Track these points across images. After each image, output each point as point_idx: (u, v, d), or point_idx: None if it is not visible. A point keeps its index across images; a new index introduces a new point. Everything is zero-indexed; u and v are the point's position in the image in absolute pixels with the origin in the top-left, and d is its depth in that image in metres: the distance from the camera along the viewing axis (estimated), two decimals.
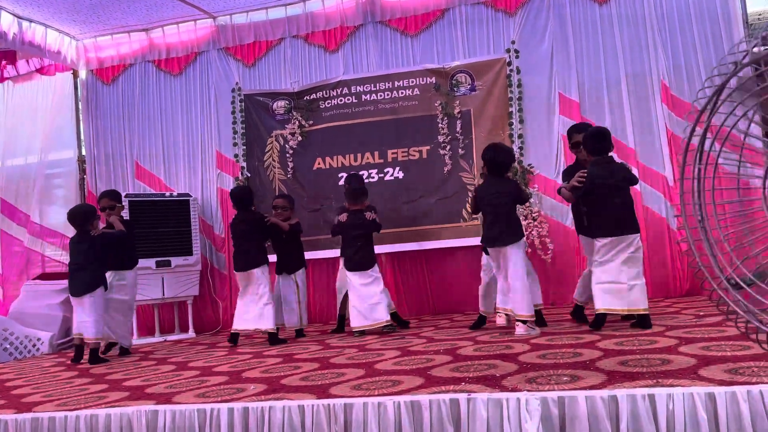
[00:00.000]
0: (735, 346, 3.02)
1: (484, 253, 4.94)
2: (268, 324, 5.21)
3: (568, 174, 4.57)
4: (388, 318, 5.19)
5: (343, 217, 5.42)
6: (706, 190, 2.69)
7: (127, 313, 5.46)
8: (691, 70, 5.92)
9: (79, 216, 5.13)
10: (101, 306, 5.04)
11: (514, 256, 4.37)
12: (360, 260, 5.29)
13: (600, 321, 4.11)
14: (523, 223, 5.80)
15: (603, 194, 4.14)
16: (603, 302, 4.10)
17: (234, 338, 5.41)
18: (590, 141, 4.29)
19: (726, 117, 2.57)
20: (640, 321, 4.01)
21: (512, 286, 4.37)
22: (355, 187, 5.56)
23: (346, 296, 5.55)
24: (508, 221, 4.47)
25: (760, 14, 6.17)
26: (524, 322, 4.29)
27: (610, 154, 4.33)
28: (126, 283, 5.35)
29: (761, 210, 2.59)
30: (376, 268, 5.32)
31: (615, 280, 4.08)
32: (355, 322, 5.22)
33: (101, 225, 5.41)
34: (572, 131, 4.77)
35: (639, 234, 4.19)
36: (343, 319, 5.67)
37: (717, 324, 3.81)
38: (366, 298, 5.20)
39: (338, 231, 5.48)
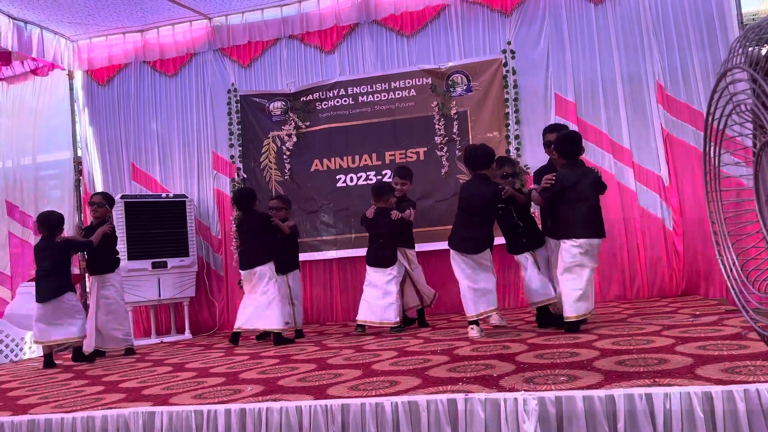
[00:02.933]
0: (731, 346, 3.03)
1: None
2: (272, 324, 5.13)
3: (538, 174, 4.58)
4: (398, 320, 5.17)
5: (370, 212, 5.37)
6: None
7: (121, 314, 5.52)
8: (686, 71, 5.94)
9: (47, 223, 5.22)
10: (75, 308, 5.16)
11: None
12: (381, 257, 5.27)
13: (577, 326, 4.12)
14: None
15: (572, 197, 4.17)
16: (577, 309, 4.09)
17: (235, 338, 5.36)
18: (561, 144, 4.33)
19: (721, 115, 2.58)
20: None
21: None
22: (377, 184, 5.54)
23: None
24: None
25: (754, 14, 6.20)
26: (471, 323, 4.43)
27: (581, 158, 4.36)
28: (111, 286, 5.44)
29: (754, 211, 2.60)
30: (395, 267, 5.26)
31: (587, 286, 4.10)
32: (363, 315, 5.21)
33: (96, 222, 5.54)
34: (545, 131, 4.77)
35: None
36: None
37: (713, 323, 3.83)
38: (382, 296, 5.18)
39: (365, 225, 5.47)
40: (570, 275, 4.15)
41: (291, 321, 5.51)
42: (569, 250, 4.15)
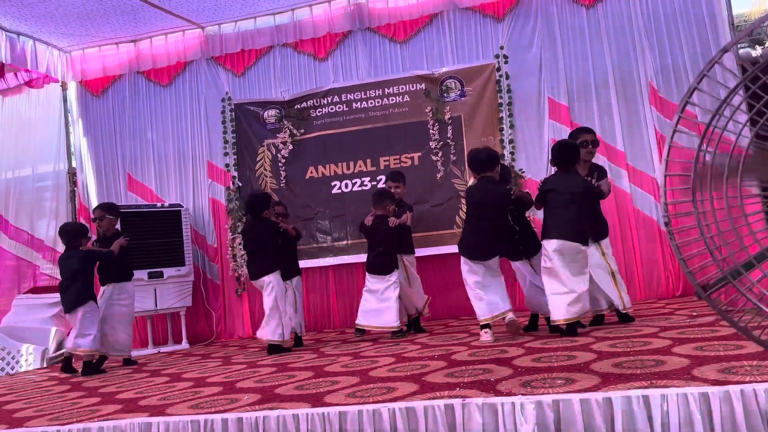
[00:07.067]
0: (728, 346, 3.03)
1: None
2: (265, 334, 5.14)
3: None
4: (398, 324, 5.15)
5: (369, 220, 5.39)
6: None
7: (129, 324, 5.54)
8: (678, 72, 5.96)
9: (65, 234, 5.31)
10: (94, 318, 5.12)
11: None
12: (381, 264, 5.29)
13: (574, 329, 4.09)
14: None
15: (553, 202, 4.23)
16: (567, 312, 4.07)
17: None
18: (552, 152, 4.45)
19: (712, 116, 2.59)
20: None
21: None
22: (377, 191, 5.57)
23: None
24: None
25: (745, 15, 6.23)
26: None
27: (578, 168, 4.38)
28: (127, 295, 5.48)
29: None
30: (395, 274, 5.26)
31: (570, 289, 4.07)
32: (362, 319, 5.24)
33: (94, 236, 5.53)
34: (572, 134, 4.84)
35: (588, 247, 4.20)
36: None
37: (710, 324, 3.82)
38: (380, 300, 5.20)
39: (364, 233, 5.51)
40: (547, 277, 4.18)
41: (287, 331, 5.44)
42: (547, 253, 4.18)
